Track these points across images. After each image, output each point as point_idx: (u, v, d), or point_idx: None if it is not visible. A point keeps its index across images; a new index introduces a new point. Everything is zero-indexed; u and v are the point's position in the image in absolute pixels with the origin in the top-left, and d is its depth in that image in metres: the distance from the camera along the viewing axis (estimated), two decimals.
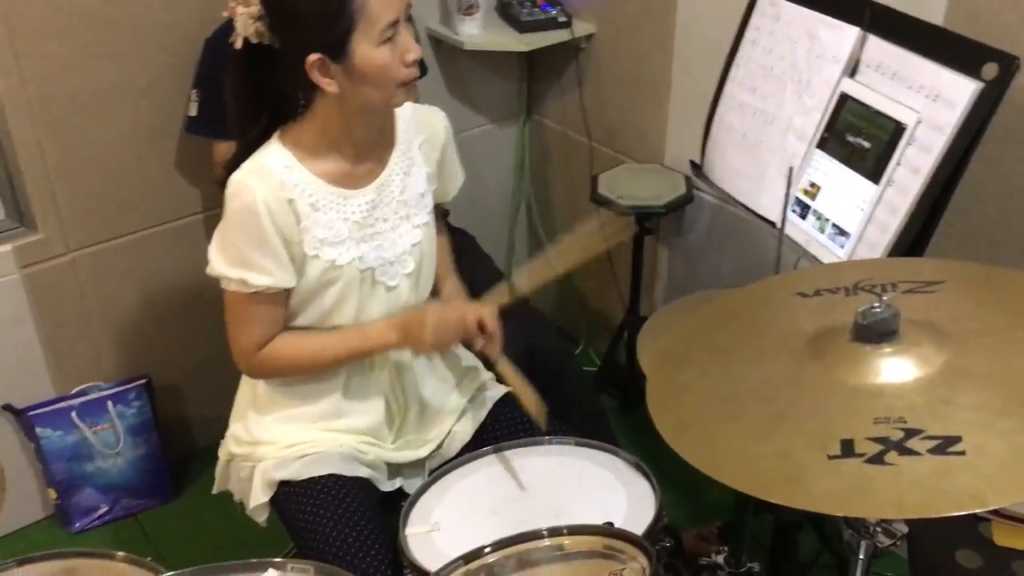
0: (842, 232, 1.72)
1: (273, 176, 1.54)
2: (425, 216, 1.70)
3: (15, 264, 2.24)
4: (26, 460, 2.41)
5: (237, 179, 1.54)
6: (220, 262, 1.57)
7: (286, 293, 1.61)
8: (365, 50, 1.47)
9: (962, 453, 1.02)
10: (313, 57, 1.47)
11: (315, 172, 1.58)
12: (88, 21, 2.14)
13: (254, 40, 1.51)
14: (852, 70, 1.74)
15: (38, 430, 2.35)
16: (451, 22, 2.59)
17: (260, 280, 1.56)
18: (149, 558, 1.48)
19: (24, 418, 2.35)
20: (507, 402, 1.83)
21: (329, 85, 1.50)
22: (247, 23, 1.50)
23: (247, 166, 1.56)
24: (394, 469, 1.77)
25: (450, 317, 1.64)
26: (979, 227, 1.91)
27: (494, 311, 1.67)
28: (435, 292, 1.82)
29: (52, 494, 2.43)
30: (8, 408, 2.35)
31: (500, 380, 1.81)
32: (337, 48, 1.47)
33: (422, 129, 1.71)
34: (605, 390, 2.75)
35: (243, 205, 1.53)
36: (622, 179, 2.47)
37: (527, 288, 1.72)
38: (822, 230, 1.76)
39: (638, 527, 1.45)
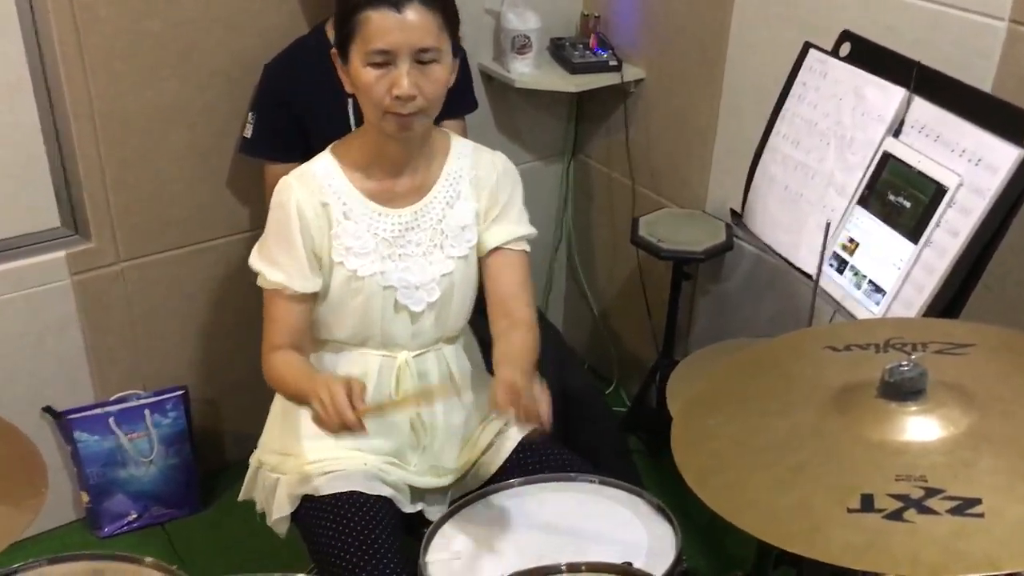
0: (878, 289, 1.72)
1: (314, 180, 1.65)
2: (464, 250, 1.73)
3: (67, 271, 2.30)
4: (61, 462, 2.46)
5: (284, 179, 1.67)
6: (255, 253, 1.70)
7: (302, 302, 1.67)
8: (356, 62, 1.58)
9: (981, 516, 1.02)
10: (334, 50, 1.61)
11: (355, 183, 1.67)
12: (154, 43, 2.21)
13: None
14: (896, 130, 1.76)
15: (76, 433, 2.40)
16: (504, 60, 2.64)
17: (274, 275, 1.65)
18: (175, 566, 1.50)
19: (63, 421, 2.41)
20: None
21: (344, 82, 1.62)
22: None
23: (296, 170, 1.68)
24: (416, 493, 1.79)
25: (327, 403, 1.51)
26: (1017, 292, 1.90)
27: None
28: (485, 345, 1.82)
29: (84, 497, 2.48)
30: (48, 410, 2.40)
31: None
32: (342, 48, 1.60)
33: (476, 166, 1.74)
34: (634, 432, 2.75)
35: (279, 202, 1.65)
36: (663, 223, 2.50)
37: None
38: (858, 286, 1.77)
39: (657, 570, 1.45)
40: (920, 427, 1.16)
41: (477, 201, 1.74)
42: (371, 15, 1.53)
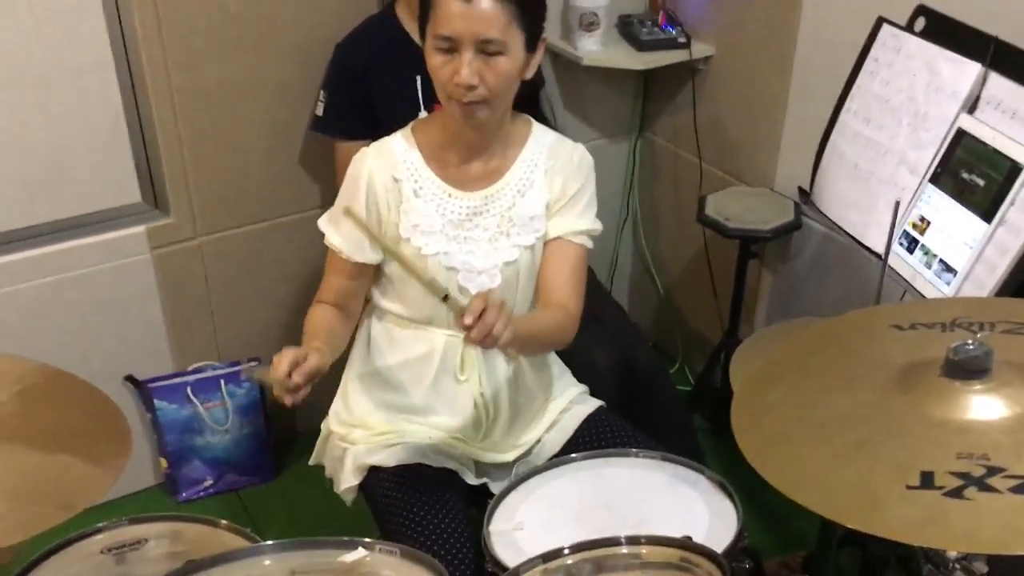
0: (949, 269, 1.70)
1: (391, 155, 1.68)
2: (530, 239, 1.71)
3: (147, 245, 2.38)
4: (142, 429, 2.55)
5: (362, 150, 1.71)
6: (326, 214, 1.74)
7: (354, 270, 1.71)
8: (428, 43, 1.59)
9: None
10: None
11: (429, 163, 1.69)
12: (230, 19, 2.26)
13: None
14: (971, 107, 1.72)
15: (156, 402, 2.49)
16: (571, 37, 2.64)
17: (333, 239, 1.71)
18: (249, 529, 1.56)
19: (144, 390, 2.50)
20: (599, 415, 1.86)
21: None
22: None
23: (376, 142, 1.72)
24: (481, 468, 1.82)
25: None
26: None
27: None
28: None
29: (163, 463, 2.57)
30: (130, 379, 2.50)
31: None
32: (422, 28, 1.61)
33: (553, 156, 1.73)
34: (698, 410, 2.74)
35: (354, 172, 1.69)
36: (730, 201, 2.48)
37: None
38: (929, 265, 1.74)
39: (718, 545, 1.46)
40: (984, 406, 1.14)
41: (549, 192, 1.72)
42: (442, 0, 1.54)
